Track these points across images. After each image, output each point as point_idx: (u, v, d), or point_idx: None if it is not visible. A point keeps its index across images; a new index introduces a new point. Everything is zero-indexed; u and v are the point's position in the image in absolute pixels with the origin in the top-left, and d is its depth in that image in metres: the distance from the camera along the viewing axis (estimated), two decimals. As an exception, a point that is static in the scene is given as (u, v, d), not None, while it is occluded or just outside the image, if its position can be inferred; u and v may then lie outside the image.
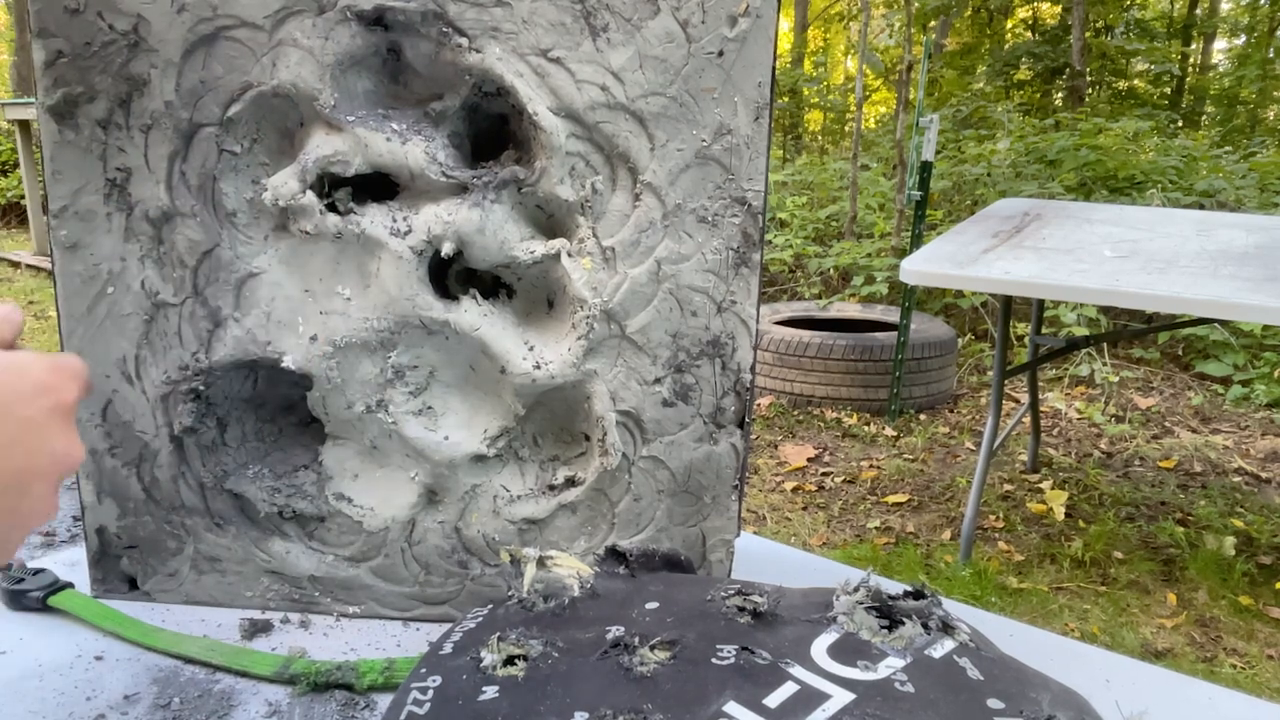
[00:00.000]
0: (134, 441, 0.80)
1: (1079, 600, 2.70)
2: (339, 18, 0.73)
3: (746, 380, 0.79)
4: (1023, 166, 6.45)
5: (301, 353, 0.78)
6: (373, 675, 0.71)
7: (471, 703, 0.51)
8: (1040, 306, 3.28)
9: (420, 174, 0.75)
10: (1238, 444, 3.99)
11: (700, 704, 0.50)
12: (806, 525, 3.23)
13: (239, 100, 0.74)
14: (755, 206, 0.76)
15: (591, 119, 0.74)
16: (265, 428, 0.87)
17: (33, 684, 0.71)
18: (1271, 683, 2.31)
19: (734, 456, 0.80)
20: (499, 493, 0.82)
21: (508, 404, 0.81)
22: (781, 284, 6.21)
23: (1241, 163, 6.65)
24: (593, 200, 0.76)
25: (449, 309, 0.78)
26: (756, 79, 0.74)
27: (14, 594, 0.81)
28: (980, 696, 0.50)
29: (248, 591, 0.84)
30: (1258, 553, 2.97)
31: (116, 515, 0.82)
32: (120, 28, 0.73)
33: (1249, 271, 2.31)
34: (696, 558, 0.82)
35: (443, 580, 0.83)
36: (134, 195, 0.76)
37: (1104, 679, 0.75)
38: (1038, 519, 3.23)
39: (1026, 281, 2.33)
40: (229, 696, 0.70)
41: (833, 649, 0.55)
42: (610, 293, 0.77)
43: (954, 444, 3.96)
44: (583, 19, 0.73)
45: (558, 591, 0.63)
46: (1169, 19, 12.77)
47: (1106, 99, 11.06)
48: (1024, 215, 3.06)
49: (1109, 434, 4.06)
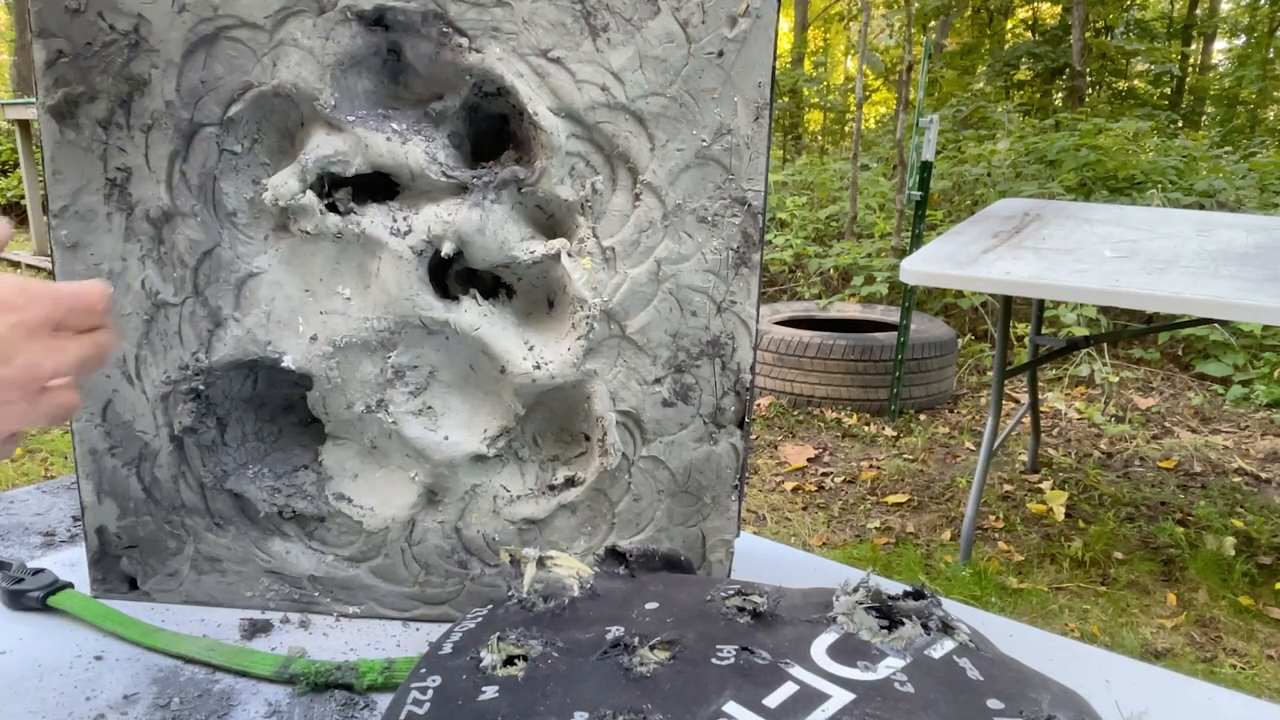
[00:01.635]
0: (134, 441, 0.81)
1: (1079, 600, 2.70)
2: (339, 18, 0.73)
3: (746, 380, 0.79)
4: (1023, 166, 6.45)
5: (301, 353, 0.78)
6: (372, 675, 0.71)
7: (471, 703, 0.51)
8: (1040, 306, 3.28)
9: (420, 174, 0.75)
10: (1238, 444, 3.99)
11: (700, 704, 0.50)
12: (806, 525, 3.23)
13: (239, 100, 0.75)
14: (755, 206, 0.76)
15: (591, 119, 0.74)
16: (265, 428, 0.87)
17: (32, 684, 0.71)
18: (1271, 683, 2.31)
19: (734, 456, 0.80)
20: (499, 493, 0.82)
21: (508, 404, 0.81)
22: (781, 284, 6.21)
23: (1241, 163, 6.65)
24: (593, 200, 0.76)
25: (449, 309, 0.78)
26: (756, 79, 0.74)
27: (14, 594, 0.81)
28: (980, 697, 0.50)
29: (248, 591, 0.84)
30: (1258, 553, 2.97)
31: (116, 515, 0.82)
32: (121, 28, 0.73)
33: (1249, 271, 2.32)
34: (696, 558, 0.82)
35: (442, 580, 0.83)
36: (134, 195, 0.76)
37: (1104, 679, 0.75)
38: (1038, 519, 3.23)
39: (1026, 281, 2.34)
40: (229, 696, 0.70)
41: (832, 649, 0.55)
42: (610, 293, 0.77)
43: (954, 444, 3.96)
44: (583, 19, 0.73)
45: (558, 592, 0.63)
46: (1169, 19, 12.77)
47: (1106, 99, 11.06)
48: (1024, 215, 3.06)
49: (1109, 434, 4.06)
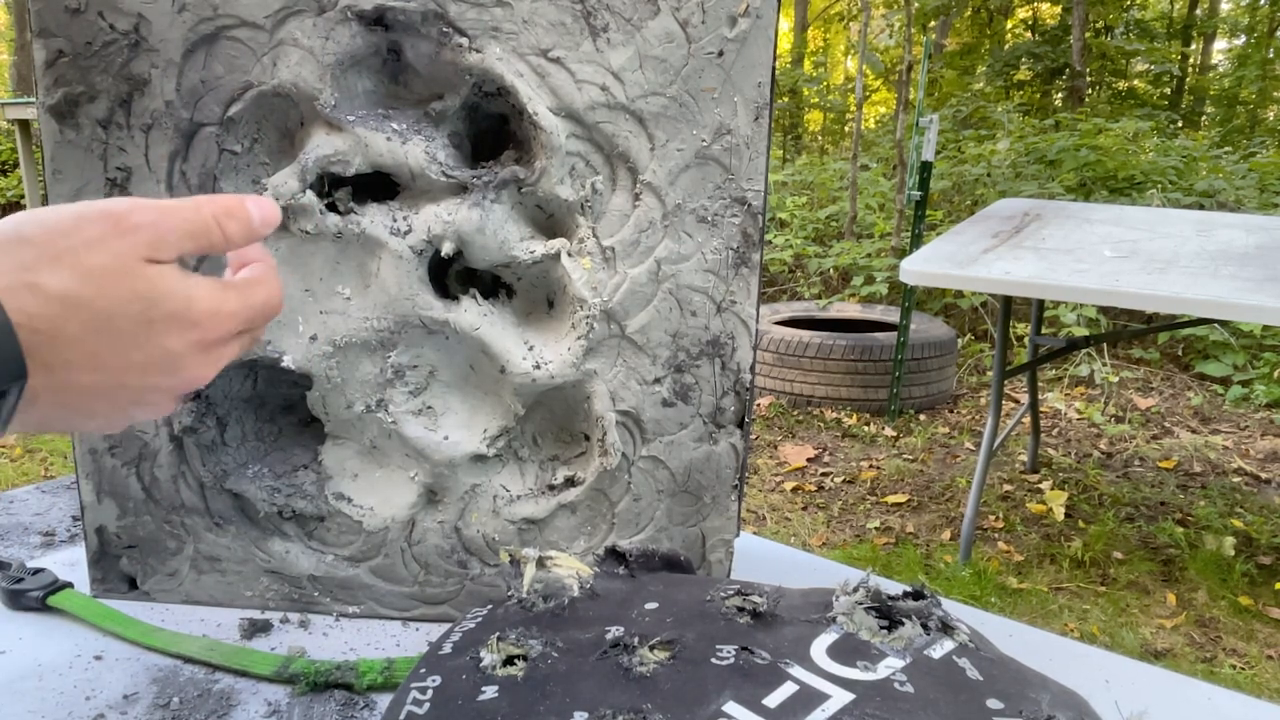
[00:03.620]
0: (134, 441, 0.81)
1: (1079, 600, 2.70)
2: (339, 18, 0.73)
3: (746, 380, 0.79)
4: (1023, 166, 6.45)
5: (301, 352, 0.78)
6: (372, 675, 0.71)
7: (471, 703, 0.51)
8: (1040, 306, 3.28)
9: (420, 174, 0.75)
10: (1237, 444, 3.99)
11: (700, 704, 0.50)
12: (806, 525, 3.23)
13: (239, 100, 0.75)
14: (755, 206, 0.76)
15: (591, 119, 0.74)
16: (265, 427, 0.87)
17: (32, 684, 0.71)
18: (1271, 683, 2.31)
19: (734, 456, 0.80)
20: (499, 493, 0.82)
21: (507, 404, 0.81)
22: (781, 284, 6.21)
23: (1241, 163, 6.66)
24: (593, 200, 0.76)
25: (449, 309, 0.78)
26: (756, 79, 0.74)
27: (13, 594, 0.81)
28: (980, 697, 0.50)
29: (247, 591, 0.84)
30: (1257, 553, 2.97)
31: (116, 515, 0.82)
32: (121, 27, 0.73)
33: (1249, 271, 2.32)
34: (696, 558, 0.82)
35: (442, 580, 0.83)
36: (135, 195, 0.76)
37: (1104, 679, 0.75)
38: (1037, 519, 3.23)
39: (1026, 281, 2.34)
40: (228, 696, 0.70)
41: (832, 649, 0.55)
42: (610, 293, 0.77)
43: (954, 444, 3.96)
44: (583, 19, 0.73)
45: (557, 591, 0.63)
46: (1169, 19, 12.77)
47: (1106, 99, 11.06)
48: (1024, 215, 3.06)
49: (1109, 434, 4.06)
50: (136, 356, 0.42)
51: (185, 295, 0.43)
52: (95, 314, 0.40)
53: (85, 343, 0.40)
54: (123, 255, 0.41)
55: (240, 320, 0.47)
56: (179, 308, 0.43)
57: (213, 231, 0.45)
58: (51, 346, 0.39)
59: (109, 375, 0.42)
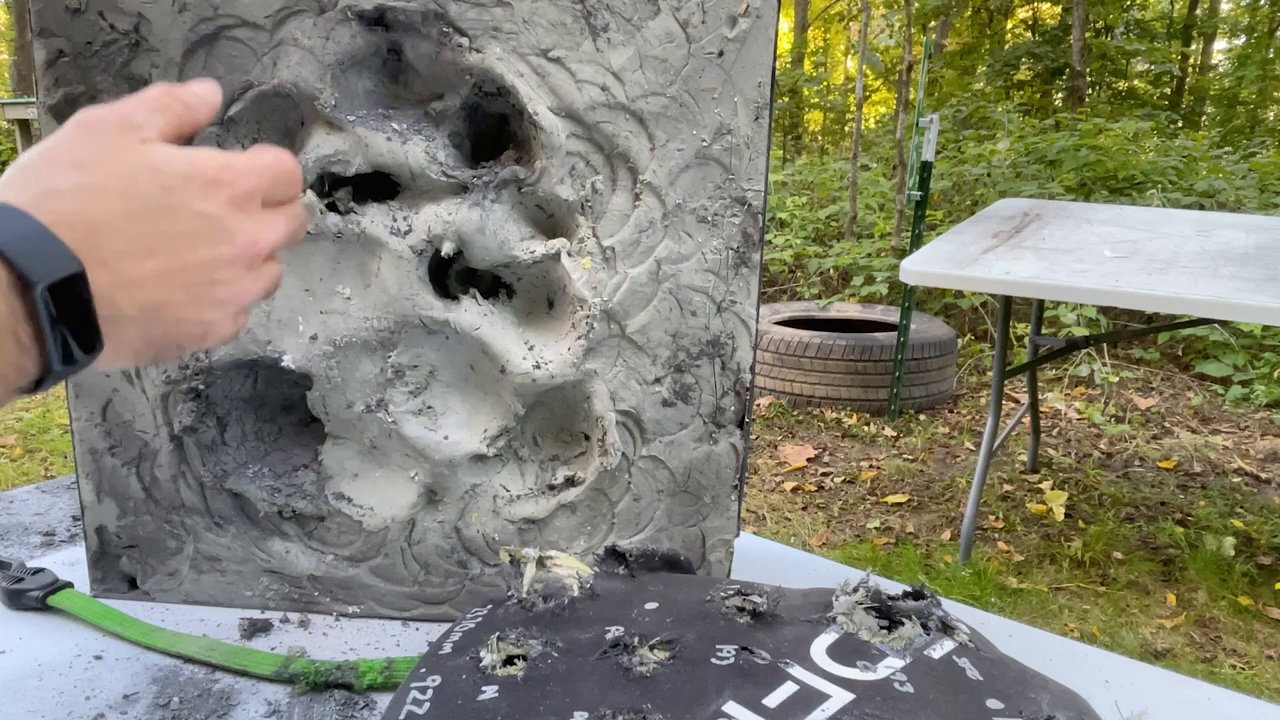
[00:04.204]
0: (134, 441, 0.80)
1: (1079, 600, 2.70)
2: (340, 17, 0.73)
3: (746, 380, 0.79)
4: (1023, 167, 6.45)
5: (301, 352, 0.78)
6: (372, 675, 0.71)
7: (471, 703, 0.51)
8: (1040, 306, 3.28)
9: (420, 174, 0.75)
10: (1237, 444, 3.99)
11: (700, 704, 0.50)
12: (806, 525, 3.23)
13: (240, 100, 0.75)
14: (755, 206, 0.76)
15: (591, 119, 0.74)
16: (265, 427, 0.87)
17: (32, 683, 0.71)
18: (1271, 683, 2.31)
19: (734, 456, 0.80)
20: (499, 492, 0.82)
21: (507, 404, 0.81)
22: (781, 284, 6.21)
23: (1241, 163, 6.66)
24: (593, 200, 0.76)
25: (449, 309, 0.78)
26: (756, 79, 0.74)
27: (13, 594, 0.81)
28: (980, 697, 0.50)
29: (247, 591, 0.84)
30: (1257, 553, 2.97)
31: (116, 515, 0.82)
32: (121, 27, 0.73)
33: (1249, 271, 2.32)
34: (696, 558, 0.82)
35: (442, 580, 0.83)
36: (134, 195, 0.76)
37: (1103, 679, 0.75)
38: (1037, 519, 3.23)
39: (1026, 281, 2.34)
40: (228, 696, 0.70)
41: (832, 649, 0.55)
42: (610, 292, 0.77)
43: (954, 444, 3.96)
44: (583, 19, 0.73)
45: (557, 591, 0.63)
46: (1169, 19, 12.78)
47: (1106, 99, 11.06)
48: (1024, 215, 3.06)
49: (1109, 434, 4.06)
50: (178, 227, 0.43)
51: (187, 158, 0.45)
52: (114, 195, 0.42)
53: (120, 228, 0.41)
54: (110, 141, 0.43)
55: (258, 175, 0.47)
56: (186, 168, 0.44)
57: (170, 102, 0.47)
58: (92, 238, 0.40)
59: (164, 257, 0.42)
